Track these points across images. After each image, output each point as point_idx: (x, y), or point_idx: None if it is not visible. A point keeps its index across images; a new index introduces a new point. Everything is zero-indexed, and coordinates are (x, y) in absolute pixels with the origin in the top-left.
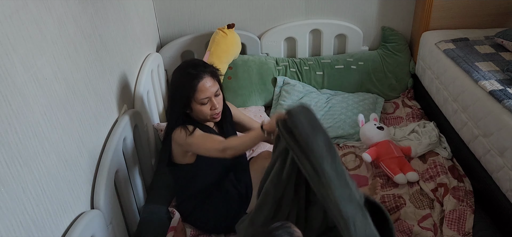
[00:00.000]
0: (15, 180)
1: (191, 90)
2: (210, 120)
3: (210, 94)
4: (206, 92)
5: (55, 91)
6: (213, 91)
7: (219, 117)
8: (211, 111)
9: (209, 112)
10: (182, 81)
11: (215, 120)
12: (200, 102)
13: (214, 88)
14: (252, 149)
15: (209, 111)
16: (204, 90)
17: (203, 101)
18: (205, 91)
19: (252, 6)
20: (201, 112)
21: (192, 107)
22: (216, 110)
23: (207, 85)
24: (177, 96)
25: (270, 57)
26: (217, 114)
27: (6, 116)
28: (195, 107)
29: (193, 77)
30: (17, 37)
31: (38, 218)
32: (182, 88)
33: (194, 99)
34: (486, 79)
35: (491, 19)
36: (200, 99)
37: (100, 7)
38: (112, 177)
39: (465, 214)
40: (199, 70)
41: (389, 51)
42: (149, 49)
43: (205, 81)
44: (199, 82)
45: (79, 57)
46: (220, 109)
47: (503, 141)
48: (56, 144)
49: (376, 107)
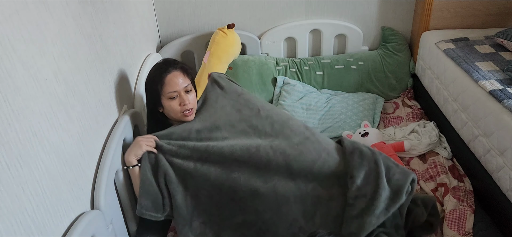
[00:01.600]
0: (15, 180)
1: (158, 83)
2: (181, 118)
3: (178, 88)
4: (174, 86)
5: (55, 91)
6: (182, 86)
7: (191, 116)
8: (180, 107)
9: (178, 109)
10: (152, 75)
11: (187, 119)
12: (168, 96)
13: (184, 83)
14: None
15: (179, 107)
16: (172, 84)
17: (171, 95)
18: (173, 84)
19: (252, 6)
20: (171, 108)
21: (162, 104)
22: (185, 106)
23: (175, 79)
24: (148, 92)
25: (270, 57)
26: (188, 111)
27: (6, 116)
28: (165, 103)
29: (162, 71)
30: (17, 37)
31: (38, 218)
32: (151, 82)
33: (162, 93)
34: (486, 79)
35: (491, 19)
36: (167, 92)
37: (100, 7)
38: (112, 177)
39: (465, 214)
40: (169, 64)
41: (389, 51)
42: (149, 49)
43: (173, 75)
44: (167, 75)
45: (79, 58)
46: (190, 106)
47: (503, 141)
48: (56, 144)
49: (376, 107)
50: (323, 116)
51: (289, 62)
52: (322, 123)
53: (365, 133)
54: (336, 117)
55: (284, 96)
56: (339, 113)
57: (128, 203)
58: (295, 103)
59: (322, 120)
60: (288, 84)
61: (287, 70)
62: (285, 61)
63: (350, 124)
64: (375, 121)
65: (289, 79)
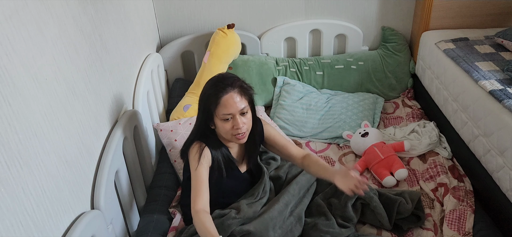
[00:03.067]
0: (15, 180)
1: (213, 103)
2: (232, 140)
3: (233, 110)
4: (229, 107)
5: (55, 91)
6: (238, 108)
7: (244, 139)
8: (232, 130)
9: (230, 131)
10: (207, 92)
11: (239, 142)
12: (222, 118)
13: (241, 105)
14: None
15: (231, 130)
16: (228, 106)
17: (225, 117)
18: (228, 106)
19: (252, 6)
20: (223, 129)
21: (215, 123)
22: (238, 130)
23: (231, 100)
24: (201, 108)
25: (270, 57)
26: (240, 135)
27: (6, 116)
28: (217, 122)
29: (218, 90)
30: (17, 37)
31: (38, 218)
32: (206, 99)
33: (216, 114)
34: (486, 79)
35: (491, 19)
36: (221, 114)
37: (100, 7)
38: (112, 177)
39: (465, 214)
40: (227, 83)
41: (389, 51)
42: (149, 49)
43: (230, 96)
44: (223, 96)
45: (79, 58)
46: (244, 130)
47: (503, 141)
48: (56, 144)
49: (376, 107)
50: (323, 116)
51: (289, 62)
52: (322, 123)
53: (365, 133)
54: (336, 117)
55: (284, 96)
56: (339, 113)
57: (128, 203)
58: (295, 103)
59: (322, 120)
60: (288, 84)
61: (287, 70)
62: (285, 61)
63: (350, 124)
64: (375, 121)
65: (289, 79)
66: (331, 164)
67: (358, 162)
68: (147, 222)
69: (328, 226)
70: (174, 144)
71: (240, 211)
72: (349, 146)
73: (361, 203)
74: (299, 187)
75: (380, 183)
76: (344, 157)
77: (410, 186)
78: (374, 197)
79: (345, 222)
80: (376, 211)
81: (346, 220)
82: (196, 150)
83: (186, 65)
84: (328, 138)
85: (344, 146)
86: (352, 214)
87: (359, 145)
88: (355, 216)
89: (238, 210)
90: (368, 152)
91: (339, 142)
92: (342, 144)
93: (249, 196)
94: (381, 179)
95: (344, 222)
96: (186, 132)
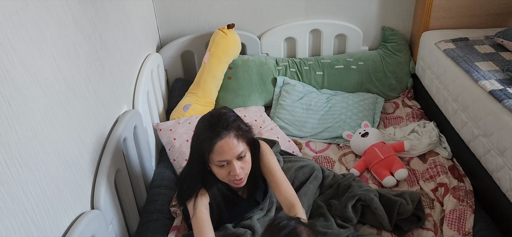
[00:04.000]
0: (15, 181)
1: (206, 150)
2: (230, 184)
3: (229, 157)
4: (224, 154)
5: (55, 91)
6: (234, 154)
7: (242, 183)
8: (229, 176)
9: (227, 177)
10: (201, 137)
11: (238, 186)
12: (217, 164)
13: (237, 150)
14: None
15: (227, 176)
16: (222, 152)
17: (220, 164)
18: (223, 153)
19: (252, 6)
20: (219, 174)
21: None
22: (235, 176)
23: (226, 146)
24: (194, 151)
25: (270, 57)
26: (237, 181)
27: (6, 116)
28: (212, 168)
29: (212, 136)
30: (17, 37)
31: (38, 218)
32: (200, 144)
33: (210, 160)
34: (486, 79)
35: (491, 19)
36: (216, 161)
37: (100, 7)
38: (112, 177)
39: (465, 214)
40: (221, 126)
41: (389, 51)
42: (149, 49)
43: (225, 142)
44: (218, 142)
45: (79, 58)
46: (242, 175)
47: (503, 141)
48: (56, 144)
49: (376, 107)
50: (323, 116)
51: (289, 62)
52: (322, 123)
53: (365, 133)
54: (336, 117)
55: (284, 96)
56: (339, 113)
57: (128, 203)
58: (295, 103)
59: (322, 120)
60: (288, 84)
61: (287, 70)
62: (285, 61)
63: (350, 124)
64: (375, 121)
65: (289, 79)
66: (331, 164)
67: (356, 165)
68: (147, 222)
69: (326, 227)
70: (173, 143)
71: (255, 232)
72: (349, 146)
73: (362, 204)
74: (308, 198)
75: (380, 183)
76: (344, 157)
77: (410, 186)
78: (375, 199)
79: (344, 223)
80: (376, 212)
81: (345, 220)
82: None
83: (186, 65)
84: (328, 138)
85: (344, 146)
86: (352, 215)
87: (359, 145)
88: (355, 217)
89: (252, 230)
90: (368, 152)
91: (339, 142)
92: (342, 144)
93: (258, 210)
94: (381, 179)
95: (343, 223)
96: (185, 131)
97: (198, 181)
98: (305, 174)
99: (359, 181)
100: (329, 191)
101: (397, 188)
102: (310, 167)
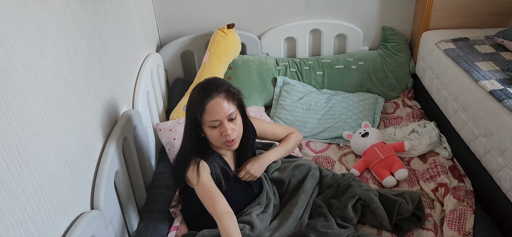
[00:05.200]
0: (15, 181)
1: (198, 111)
2: (223, 148)
3: (220, 116)
4: (215, 114)
5: (55, 91)
6: (225, 114)
7: (235, 146)
8: (221, 137)
9: (219, 138)
10: (193, 99)
11: (230, 149)
12: (209, 125)
13: (228, 110)
14: None
15: (219, 137)
16: (213, 111)
17: (212, 124)
18: (214, 113)
19: (252, 6)
20: (211, 137)
21: (204, 130)
22: (227, 137)
23: (217, 106)
24: (188, 116)
25: (270, 57)
26: (229, 142)
27: (6, 116)
28: (206, 130)
29: (204, 97)
30: (17, 37)
31: (38, 218)
32: (192, 107)
33: (202, 121)
34: (486, 79)
35: (491, 18)
36: (208, 121)
37: (100, 7)
38: (112, 177)
39: (465, 214)
40: (212, 88)
41: (389, 51)
42: (148, 49)
43: (216, 102)
44: (209, 102)
45: (79, 58)
46: (234, 136)
47: (503, 141)
48: (56, 144)
49: (376, 107)
50: (323, 116)
51: (289, 62)
52: (322, 123)
53: (365, 133)
54: (336, 117)
55: (284, 96)
56: (339, 113)
57: (128, 203)
58: (295, 103)
59: (322, 120)
60: (288, 84)
61: (287, 70)
62: (285, 61)
63: (350, 124)
64: (375, 121)
65: (289, 79)
66: (331, 164)
67: (356, 165)
68: (147, 222)
69: (327, 227)
70: (173, 143)
71: (254, 228)
72: (349, 146)
73: (362, 204)
74: (306, 195)
75: (380, 183)
76: (344, 157)
77: (410, 186)
78: (375, 198)
79: (344, 223)
80: (376, 212)
81: (345, 220)
82: (192, 168)
83: (186, 65)
84: (328, 138)
85: (344, 146)
86: (352, 215)
87: (359, 145)
88: (355, 216)
89: (251, 225)
90: (368, 152)
91: (339, 142)
92: (342, 144)
93: (256, 205)
94: (381, 179)
95: (343, 223)
96: None
97: (194, 149)
98: (302, 172)
99: (359, 180)
100: (328, 190)
101: (397, 188)
102: (307, 166)
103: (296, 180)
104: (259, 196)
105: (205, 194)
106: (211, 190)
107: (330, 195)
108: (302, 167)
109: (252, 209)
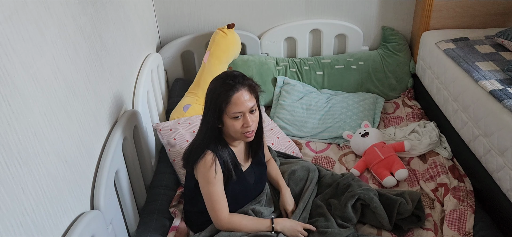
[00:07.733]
0: (15, 181)
1: (224, 101)
2: (241, 138)
3: (244, 109)
4: (240, 106)
5: (55, 91)
6: (248, 106)
7: (251, 137)
8: (242, 129)
9: (240, 130)
10: (217, 91)
11: (247, 140)
12: (232, 116)
13: (250, 103)
14: None
15: (240, 129)
16: (239, 103)
17: (235, 115)
18: (239, 104)
19: (252, 6)
20: (233, 127)
21: (224, 121)
22: (248, 128)
23: (242, 98)
24: (210, 106)
25: (270, 57)
26: (249, 133)
27: (6, 116)
28: (226, 121)
29: (229, 88)
30: (17, 37)
31: (38, 218)
32: (217, 98)
33: (226, 112)
34: (487, 79)
35: (491, 18)
36: (232, 112)
37: (100, 7)
38: (112, 177)
39: (465, 214)
40: (237, 81)
41: (389, 51)
42: (148, 49)
43: (240, 93)
44: (234, 94)
45: (79, 58)
46: (253, 127)
47: (503, 141)
48: (56, 144)
49: (376, 107)
50: (323, 116)
51: (289, 62)
52: (322, 123)
53: (365, 133)
54: (336, 117)
55: (284, 96)
56: (339, 113)
57: (128, 203)
58: (295, 103)
59: (322, 120)
60: (288, 84)
61: (287, 70)
62: (285, 61)
63: (350, 124)
64: (375, 121)
65: (289, 79)
66: (331, 164)
67: (356, 165)
68: (147, 222)
69: (327, 226)
70: (173, 143)
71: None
72: (349, 146)
73: (361, 203)
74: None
75: (380, 183)
76: (344, 157)
77: (410, 186)
78: (375, 198)
79: (344, 222)
80: (376, 211)
81: (345, 220)
82: (211, 163)
83: (186, 65)
84: (328, 138)
85: (344, 146)
86: (352, 215)
87: (359, 145)
88: (354, 216)
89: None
90: (368, 152)
91: (339, 142)
92: (342, 144)
93: (256, 203)
94: (381, 179)
95: (343, 222)
96: (185, 131)
97: (211, 138)
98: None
99: (359, 180)
100: (328, 190)
101: (397, 188)
102: (305, 169)
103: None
104: (260, 195)
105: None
106: (219, 198)
107: (329, 194)
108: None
109: (253, 207)
